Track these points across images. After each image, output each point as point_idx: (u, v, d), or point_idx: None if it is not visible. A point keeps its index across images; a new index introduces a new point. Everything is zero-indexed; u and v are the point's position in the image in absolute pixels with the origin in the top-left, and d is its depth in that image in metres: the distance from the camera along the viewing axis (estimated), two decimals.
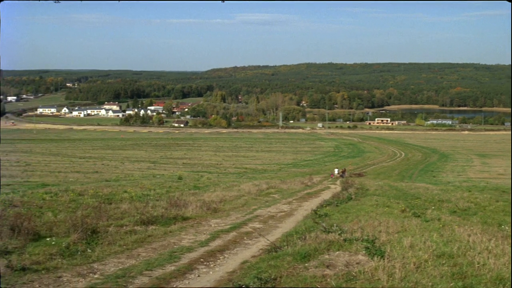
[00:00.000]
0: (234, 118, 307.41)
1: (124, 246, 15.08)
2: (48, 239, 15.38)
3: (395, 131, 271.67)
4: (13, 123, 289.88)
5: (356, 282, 10.61)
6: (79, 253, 13.93)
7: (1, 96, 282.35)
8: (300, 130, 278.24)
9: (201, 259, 13.93)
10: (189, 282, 11.90)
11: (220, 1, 14.72)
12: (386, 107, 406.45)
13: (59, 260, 13.20)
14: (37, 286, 11.23)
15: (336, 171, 72.31)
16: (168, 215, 20.32)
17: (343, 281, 10.69)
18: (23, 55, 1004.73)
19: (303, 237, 15.14)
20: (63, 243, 14.60)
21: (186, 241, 16.28)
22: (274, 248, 14.44)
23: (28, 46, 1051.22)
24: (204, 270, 12.94)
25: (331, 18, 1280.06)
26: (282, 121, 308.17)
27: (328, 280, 10.80)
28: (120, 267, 12.91)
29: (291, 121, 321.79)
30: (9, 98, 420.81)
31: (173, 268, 12.97)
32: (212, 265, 13.39)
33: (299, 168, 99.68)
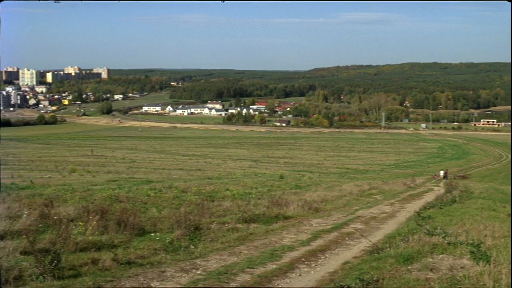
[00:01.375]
0: (336, 118, 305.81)
1: (226, 243, 15.21)
2: (152, 234, 15.72)
3: (502, 133, 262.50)
4: (119, 120, 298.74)
5: (460, 287, 10.32)
6: (182, 248, 14.16)
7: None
8: (403, 131, 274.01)
9: (302, 259, 13.88)
10: (290, 281, 11.87)
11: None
12: (493, 108, 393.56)
13: (163, 255, 13.46)
14: (141, 279, 11.47)
15: (441, 173, 70.70)
16: (270, 213, 20.37)
17: (447, 285, 10.41)
18: (130, 55, 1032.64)
19: (406, 239, 14.86)
20: (167, 238, 14.87)
21: (287, 240, 16.28)
22: (376, 250, 14.25)
23: (135, 46, 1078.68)
24: (305, 269, 12.89)
25: (438, 17, 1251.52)
26: (385, 121, 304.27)
27: (432, 283, 10.55)
28: (222, 264, 13.02)
29: (394, 122, 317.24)
30: (116, 97, 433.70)
31: (274, 266, 12.97)
32: (313, 265, 13.33)
33: (402, 169, 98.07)
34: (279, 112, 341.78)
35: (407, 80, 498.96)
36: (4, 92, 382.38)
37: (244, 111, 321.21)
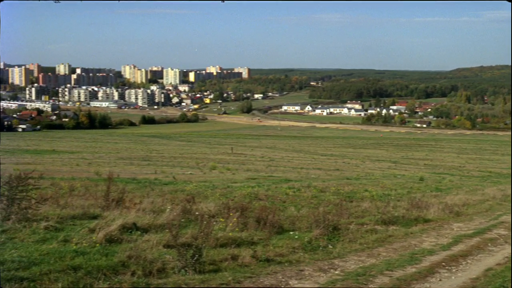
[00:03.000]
0: (479, 120, 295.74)
1: (365, 245, 15.09)
2: (291, 232, 15.82)
3: None
4: (259, 119, 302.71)
5: None
6: (320, 248, 14.17)
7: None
8: None
9: (443, 263, 13.55)
10: (430, 286, 11.64)
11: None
12: None
13: (301, 254, 13.52)
14: (280, 277, 11.57)
15: None
16: (409, 216, 19.99)
17: None
18: (270, 55, 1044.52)
19: None
20: (305, 237, 14.93)
21: (427, 244, 15.93)
22: None
23: (275, 46, 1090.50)
24: (446, 274, 12.59)
25: None
26: None
27: None
28: (361, 265, 12.93)
29: None
30: (256, 96, 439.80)
31: (413, 270, 12.76)
32: (454, 270, 13.00)
33: None
34: (419, 113, 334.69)
35: None
36: (148, 91, 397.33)
37: (384, 111, 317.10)
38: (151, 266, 11.30)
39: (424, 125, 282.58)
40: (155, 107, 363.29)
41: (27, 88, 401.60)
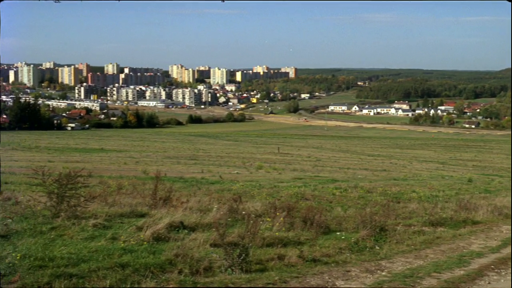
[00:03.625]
0: None
1: (412, 246, 14.96)
2: (338, 233, 15.77)
3: None
4: (305, 119, 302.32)
5: None
6: (367, 249, 14.10)
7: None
8: None
9: (492, 266, 13.34)
10: None
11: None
12: None
13: (348, 254, 13.47)
14: (326, 278, 11.54)
15: None
16: (457, 217, 19.74)
17: None
18: (317, 54, 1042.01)
19: None
20: (352, 238, 14.86)
21: (475, 246, 15.71)
22: None
23: (322, 45, 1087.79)
24: (495, 277, 12.40)
25: None
26: None
27: None
28: (408, 267, 12.82)
29: None
30: (303, 95, 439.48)
31: (462, 272, 12.60)
32: (503, 273, 12.79)
33: None
34: (468, 113, 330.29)
35: None
36: (195, 90, 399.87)
37: (432, 111, 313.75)
38: (198, 264, 11.38)
39: (473, 126, 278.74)
40: (202, 106, 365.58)
41: (76, 88, 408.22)
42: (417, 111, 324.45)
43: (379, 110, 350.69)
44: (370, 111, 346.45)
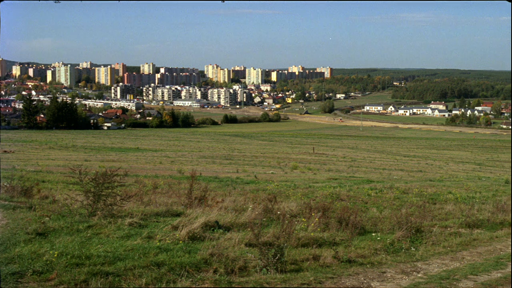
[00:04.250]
0: None
1: (448, 248, 14.84)
2: (373, 234, 15.71)
3: None
4: (341, 119, 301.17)
5: None
6: (403, 250, 14.02)
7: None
8: None
9: None
10: None
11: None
12: None
13: (383, 255, 13.41)
14: (362, 279, 11.50)
15: None
16: (495, 219, 19.53)
17: None
18: (352, 54, 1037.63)
19: None
20: (388, 239, 14.80)
21: None
22: None
23: (357, 45, 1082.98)
24: None
25: None
26: None
27: None
28: (444, 269, 12.73)
29: None
30: (338, 96, 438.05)
31: (499, 275, 12.46)
32: None
33: None
34: (505, 114, 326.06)
35: None
36: (231, 90, 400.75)
37: (469, 112, 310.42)
38: (233, 264, 11.41)
39: (510, 127, 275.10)
40: (237, 106, 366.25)
41: (112, 87, 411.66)
42: (453, 112, 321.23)
43: (415, 110, 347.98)
44: (406, 112, 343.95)
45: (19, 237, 12.81)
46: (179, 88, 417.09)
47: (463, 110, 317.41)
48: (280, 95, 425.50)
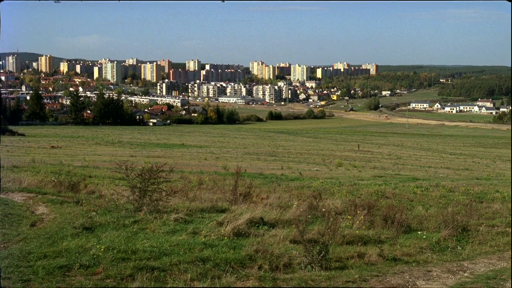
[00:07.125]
0: None
1: (495, 247, 14.62)
2: (419, 232, 15.57)
3: None
4: (386, 117, 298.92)
5: None
6: (449, 249, 13.87)
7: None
8: None
9: None
10: None
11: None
12: None
13: (429, 254, 13.29)
14: (407, 277, 11.41)
15: None
16: None
17: None
18: (398, 51, 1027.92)
19: None
20: (434, 238, 14.66)
21: None
22: None
23: (403, 42, 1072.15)
24: None
25: None
26: None
27: None
28: (491, 268, 12.55)
29: None
30: (383, 93, 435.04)
31: None
32: None
33: None
34: None
35: None
36: (276, 87, 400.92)
37: None
38: (278, 261, 11.43)
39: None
40: (282, 103, 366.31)
41: (158, 84, 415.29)
42: (501, 109, 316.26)
43: (461, 108, 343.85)
44: (453, 109, 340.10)
45: (67, 231, 13.04)
46: (224, 84, 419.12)
47: (510, 108, 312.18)
48: (325, 92, 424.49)
